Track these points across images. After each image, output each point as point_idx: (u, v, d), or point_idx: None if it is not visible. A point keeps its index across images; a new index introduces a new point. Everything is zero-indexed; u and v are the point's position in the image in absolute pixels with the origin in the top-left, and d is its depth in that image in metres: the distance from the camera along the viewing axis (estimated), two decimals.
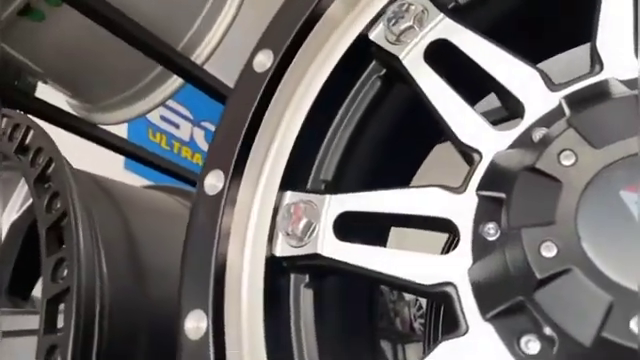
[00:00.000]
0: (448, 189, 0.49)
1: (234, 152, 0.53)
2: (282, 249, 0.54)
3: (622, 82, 0.43)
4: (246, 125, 0.54)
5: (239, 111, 0.54)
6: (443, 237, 1.24)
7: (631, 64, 0.44)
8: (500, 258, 0.39)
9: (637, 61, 0.44)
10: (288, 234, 0.54)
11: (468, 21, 0.57)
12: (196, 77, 1.02)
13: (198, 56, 1.02)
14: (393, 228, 0.65)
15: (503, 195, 0.40)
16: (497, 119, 0.58)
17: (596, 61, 0.46)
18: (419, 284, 0.45)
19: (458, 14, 0.58)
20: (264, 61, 0.55)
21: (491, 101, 0.59)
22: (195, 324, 0.48)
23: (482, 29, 0.55)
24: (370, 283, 0.69)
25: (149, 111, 1.08)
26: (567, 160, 0.38)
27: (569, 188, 0.37)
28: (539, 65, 0.51)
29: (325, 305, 0.56)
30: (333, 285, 0.60)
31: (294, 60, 0.57)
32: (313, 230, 0.53)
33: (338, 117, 0.60)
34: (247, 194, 0.54)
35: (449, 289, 0.45)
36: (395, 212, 0.49)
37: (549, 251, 0.36)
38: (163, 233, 0.85)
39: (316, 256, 0.51)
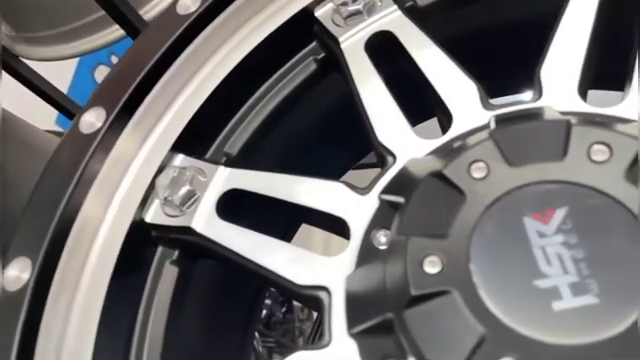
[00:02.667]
0: (353, 188, 0.44)
1: (126, 91, 0.45)
2: (154, 216, 0.46)
3: (564, 113, 0.39)
4: (149, 66, 0.47)
5: (146, 48, 0.47)
6: None
7: (571, 98, 0.41)
8: (381, 267, 0.34)
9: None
10: (166, 200, 0.46)
11: (423, 25, 0.53)
12: (138, 32, 0.94)
13: (147, 12, 0.95)
14: None
15: (402, 200, 0.36)
16: None
17: (537, 88, 0.43)
18: (290, 282, 0.39)
19: (413, 14, 0.54)
20: (189, 3, 0.49)
21: None
22: (17, 273, 0.39)
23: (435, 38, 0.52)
24: (257, 283, 0.62)
25: (78, 55, 0.99)
26: (478, 172, 0.33)
27: (472, 203, 0.32)
28: None
29: (190, 291, 0.48)
30: (210, 272, 0.53)
31: (226, 12, 0.51)
32: (195, 201, 0.46)
33: (260, 92, 0.54)
34: (130, 144, 0.47)
35: (322, 294, 0.39)
36: (288, 200, 0.44)
37: (432, 267, 0.31)
38: None
39: (188, 230, 0.44)
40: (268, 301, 1.40)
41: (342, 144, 0.61)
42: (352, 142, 0.63)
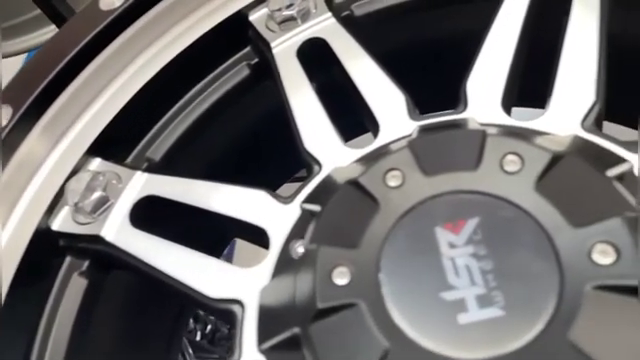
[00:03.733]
0: (276, 197, 0.42)
1: (36, 89, 0.43)
2: (63, 223, 0.43)
3: (484, 125, 0.39)
4: (64, 62, 0.44)
5: (63, 44, 0.45)
6: None
7: (494, 111, 0.41)
8: (292, 279, 0.32)
9: None
10: (76, 207, 0.43)
11: (357, 35, 0.53)
12: None
13: None
14: None
15: (318, 208, 0.34)
16: None
17: (462, 100, 0.43)
18: (202, 295, 0.37)
19: (349, 24, 0.54)
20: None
21: None
22: None
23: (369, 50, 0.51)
24: (182, 302, 0.59)
25: (17, 53, 0.94)
26: (393, 181, 0.32)
27: (386, 211, 0.31)
28: None
29: (101, 306, 0.45)
30: (125, 285, 0.50)
31: (155, 10, 0.49)
32: (107, 208, 0.43)
33: (188, 96, 0.52)
34: (39, 145, 0.44)
35: (235, 308, 0.37)
36: (205, 208, 0.41)
37: (341, 278, 0.30)
38: None
39: (97, 239, 0.41)
40: (213, 317, 1.35)
41: (278, 153, 0.60)
42: (288, 151, 0.62)
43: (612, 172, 0.31)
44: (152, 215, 0.44)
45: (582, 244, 0.27)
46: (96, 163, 0.45)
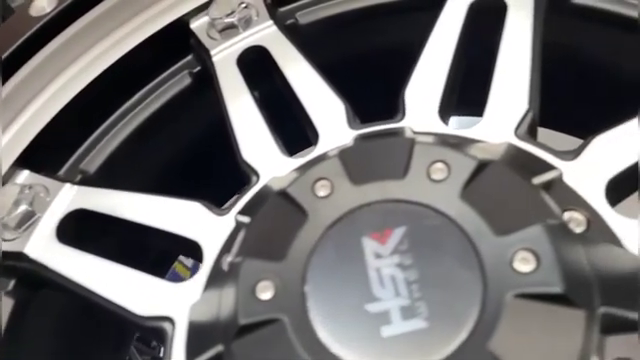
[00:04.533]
0: (211, 208, 0.41)
1: None
2: None
3: (416, 133, 0.39)
4: None
5: None
6: None
7: (431, 119, 0.41)
8: (218, 294, 0.31)
9: None
10: (2, 222, 0.41)
11: (301, 46, 0.52)
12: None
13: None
14: None
15: (248, 220, 0.33)
16: None
17: (401, 109, 0.43)
18: (131, 313, 0.35)
19: (293, 32, 0.53)
20: (44, 4, 0.45)
21: None
22: None
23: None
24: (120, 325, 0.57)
25: None
26: (322, 191, 0.32)
27: (314, 222, 0.31)
28: None
29: (31, 327, 0.43)
30: (59, 306, 0.47)
31: (90, 15, 0.47)
32: (32, 223, 0.41)
33: (127, 105, 0.51)
34: None
35: (166, 325, 0.35)
36: (139, 222, 0.40)
37: (265, 292, 0.29)
38: None
39: (21, 256, 0.40)
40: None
41: (225, 163, 0.59)
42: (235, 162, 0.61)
43: (538, 180, 0.32)
44: (82, 230, 0.42)
45: (504, 252, 0.27)
46: (24, 175, 0.43)
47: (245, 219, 0.34)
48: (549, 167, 0.35)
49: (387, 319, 0.26)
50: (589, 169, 0.35)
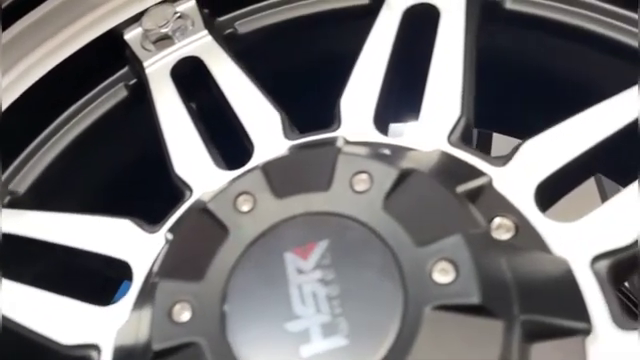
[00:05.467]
0: (142, 226, 0.39)
1: None
2: None
3: (350, 143, 0.39)
4: None
5: None
6: None
7: (366, 128, 0.41)
8: (139, 318, 0.30)
9: None
10: None
11: (241, 55, 0.51)
12: None
13: None
14: None
15: (171, 237, 0.32)
16: None
17: (337, 118, 0.43)
18: (57, 343, 0.33)
19: (232, 41, 0.53)
20: None
21: None
22: None
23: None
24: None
25: None
26: (244, 205, 0.31)
27: (235, 239, 0.30)
28: None
29: None
30: None
31: (19, 25, 0.45)
32: None
33: (58, 121, 0.49)
34: None
35: (92, 353, 0.33)
36: (66, 244, 0.38)
37: (181, 315, 0.27)
38: None
39: None
40: None
41: (164, 179, 0.57)
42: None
43: (463, 188, 0.32)
44: (7, 255, 0.40)
45: (424, 263, 0.26)
46: None
47: (171, 237, 0.32)
48: (479, 174, 0.35)
49: (307, 338, 0.26)
50: (518, 174, 0.35)
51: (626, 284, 0.87)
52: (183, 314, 0.27)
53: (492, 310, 0.24)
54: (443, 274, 0.25)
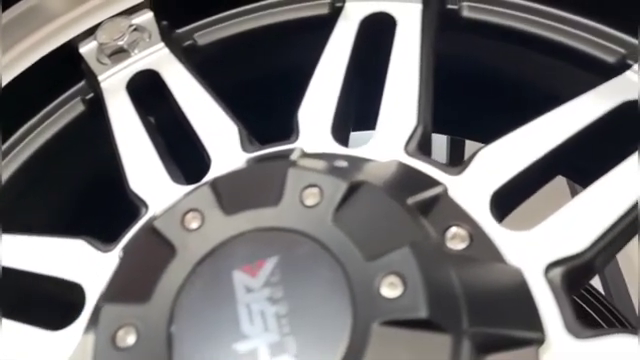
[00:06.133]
0: (96, 245, 0.38)
1: None
2: None
3: (306, 155, 0.38)
4: None
5: None
6: None
7: (324, 139, 0.40)
8: (84, 344, 0.29)
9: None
10: None
11: (202, 67, 0.51)
12: None
13: None
14: None
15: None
16: None
17: (295, 130, 0.42)
18: None
19: (192, 53, 0.52)
20: None
21: None
22: None
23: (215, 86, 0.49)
24: None
25: None
26: (193, 223, 0.30)
27: (183, 258, 0.29)
28: None
29: None
30: None
31: None
32: None
33: (14, 137, 0.47)
34: None
35: None
36: (15, 267, 0.37)
37: (126, 339, 0.26)
38: None
39: None
40: None
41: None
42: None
43: (417, 198, 0.31)
44: None
45: (372, 278, 0.26)
46: None
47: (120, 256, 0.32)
48: (435, 183, 0.35)
49: (255, 358, 0.25)
50: (474, 182, 0.35)
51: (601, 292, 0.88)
52: (127, 338, 0.26)
53: (440, 324, 0.24)
54: (391, 288, 0.25)
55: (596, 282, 1.08)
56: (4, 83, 0.46)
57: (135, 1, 0.50)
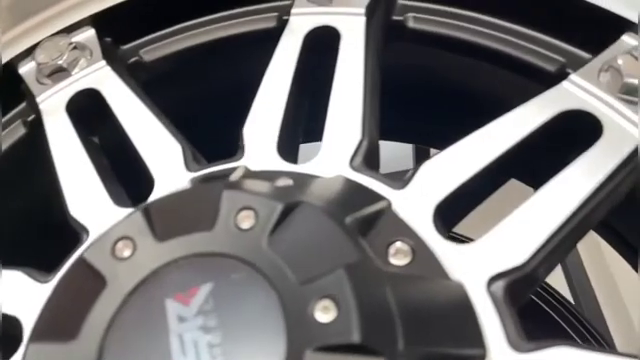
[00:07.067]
0: (34, 276, 0.36)
1: None
2: None
3: (249, 173, 0.37)
4: None
5: None
6: None
7: (270, 157, 0.40)
8: None
9: None
10: None
11: (149, 84, 0.50)
12: None
13: None
14: None
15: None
16: None
17: (241, 147, 0.42)
18: None
19: (137, 70, 0.51)
20: None
21: None
22: None
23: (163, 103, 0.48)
24: None
25: None
26: (124, 251, 0.29)
27: (114, 289, 0.28)
28: None
29: None
30: None
31: None
32: None
33: None
34: None
35: None
36: None
37: None
38: None
39: None
40: None
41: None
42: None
43: (359, 214, 0.31)
44: None
45: (306, 302, 0.25)
46: None
47: None
48: (378, 198, 0.35)
49: None
50: (417, 196, 0.35)
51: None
52: None
53: (374, 347, 0.24)
54: (325, 312, 0.24)
55: (566, 292, 1.10)
56: None
57: (76, 18, 0.49)
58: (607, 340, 0.85)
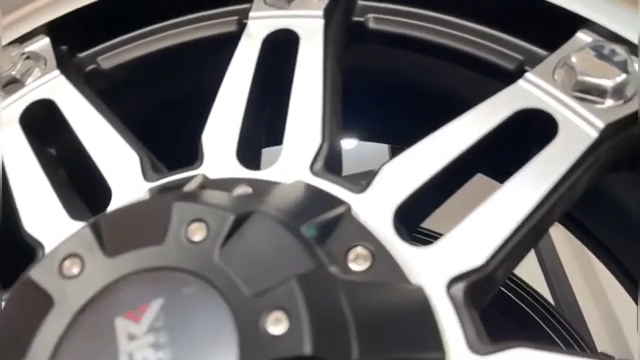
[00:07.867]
0: None
1: None
2: None
3: (208, 182, 0.37)
4: None
5: None
6: None
7: (229, 164, 0.39)
8: None
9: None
10: None
11: (107, 92, 0.48)
12: None
13: None
14: None
15: None
16: None
17: (200, 155, 0.41)
18: None
19: (95, 78, 0.50)
20: None
21: None
22: None
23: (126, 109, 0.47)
24: None
25: None
26: (72, 269, 0.28)
27: (62, 308, 0.27)
28: None
29: None
30: None
31: None
32: None
33: None
34: None
35: None
36: None
37: None
38: None
39: None
40: None
41: None
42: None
43: (317, 220, 0.30)
44: None
45: (258, 315, 0.25)
46: None
47: None
48: (338, 203, 0.35)
49: None
50: (377, 199, 0.35)
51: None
52: None
53: (327, 358, 0.23)
54: (277, 325, 0.24)
55: (546, 293, 1.11)
56: None
57: (29, 27, 0.48)
58: (586, 339, 0.86)
